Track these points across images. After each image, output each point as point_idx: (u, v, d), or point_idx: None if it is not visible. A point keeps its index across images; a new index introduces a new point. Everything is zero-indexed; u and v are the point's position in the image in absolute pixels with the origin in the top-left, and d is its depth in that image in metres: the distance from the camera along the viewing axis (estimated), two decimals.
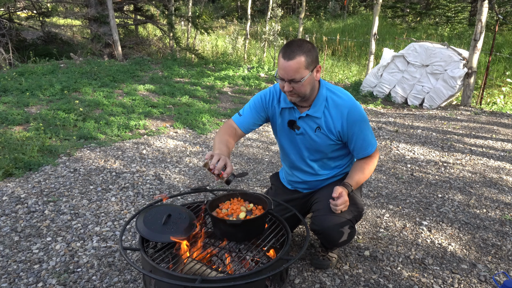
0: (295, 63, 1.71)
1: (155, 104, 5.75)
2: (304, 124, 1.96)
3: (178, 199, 2.92)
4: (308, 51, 1.74)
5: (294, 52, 1.72)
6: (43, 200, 2.84)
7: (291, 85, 1.77)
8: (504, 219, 2.75)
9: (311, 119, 1.94)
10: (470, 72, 6.28)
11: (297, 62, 1.71)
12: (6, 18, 10.23)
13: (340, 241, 1.95)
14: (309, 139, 1.98)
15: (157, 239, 1.67)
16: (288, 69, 1.72)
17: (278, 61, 1.77)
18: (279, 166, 3.68)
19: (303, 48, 1.73)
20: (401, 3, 17.05)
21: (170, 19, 9.63)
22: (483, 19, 6.19)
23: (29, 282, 1.98)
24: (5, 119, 4.52)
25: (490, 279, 2.08)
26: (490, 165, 3.83)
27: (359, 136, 1.92)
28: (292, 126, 1.99)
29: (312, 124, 1.94)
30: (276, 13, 10.63)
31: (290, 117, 1.98)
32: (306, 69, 1.74)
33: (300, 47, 1.73)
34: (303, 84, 1.77)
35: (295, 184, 2.20)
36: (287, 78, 1.75)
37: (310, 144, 2.00)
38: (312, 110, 1.91)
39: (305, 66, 1.73)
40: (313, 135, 1.96)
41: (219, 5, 24.54)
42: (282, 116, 2.02)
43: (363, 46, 11.72)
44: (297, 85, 1.76)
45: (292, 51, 1.72)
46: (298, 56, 1.72)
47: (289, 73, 1.73)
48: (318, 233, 1.97)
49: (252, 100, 2.07)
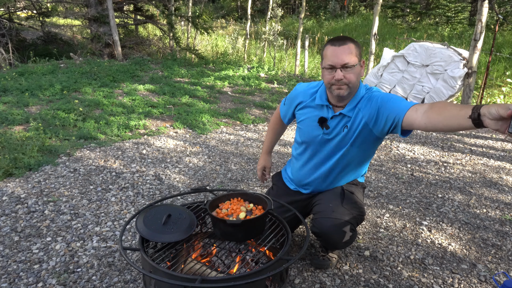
0: (348, 48, 1.72)
1: (155, 104, 5.75)
2: (334, 124, 1.90)
3: (178, 199, 2.93)
4: (356, 41, 1.77)
5: (344, 40, 1.74)
6: (43, 200, 2.84)
7: (343, 73, 1.73)
8: (504, 219, 2.75)
9: (343, 118, 1.88)
10: (470, 72, 6.28)
11: (349, 47, 1.73)
12: (6, 18, 10.24)
13: (341, 244, 1.94)
14: (333, 141, 1.93)
15: (157, 239, 1.67)
16: (341, 53, 1.71)
17: (326, 52, 1.76)
18: (279, 166, 3.68)
19: (352, 38, 1.78)
20: (401, 3, 17.05)
21: (170, 19, 9.63)
22: (483, 19, 6.19)
23: (29, 282, 1.98)
24: (5, 119, 4.52)
25: (490, 279, 2.08)
26: (490, 165, 3.83)
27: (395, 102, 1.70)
28: (322, 124, 1.93)
29: (342, 123, 1.89)
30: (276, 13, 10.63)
31: (322, 114, 1.93)
32: (356, 57, 1.75)
33: (349, 37, 1.77)
34: (354, 72, 1.74)
35: (300, 183, 2.15)
36: (339, 63, 1.72)
37: (331, 146, 1.95)
38: (347, 109, 1.86)
39: (355, 54, 1.74)
40: (340, 135, 1.90)
41: (219, 5, 24.55)
42: (312, 113, 1.96)
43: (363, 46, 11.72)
44: (349, 71, 1.73)
45: (342, 39, 1.75)
46: (349, 42, 1.74)
47: (342, 55, 1.71)
48: (319, 236, 1.96)
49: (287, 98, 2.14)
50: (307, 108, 1.98)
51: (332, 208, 1.92)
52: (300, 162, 2.12)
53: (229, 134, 4.70)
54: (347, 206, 1.96)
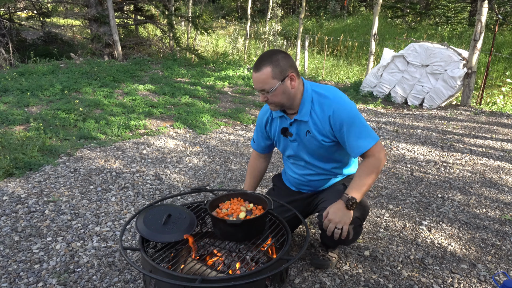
0: (262, 74, 1.78)
1: (155, 104, 5.75)
2: (295, 129, 1.98)
3: (178, 199, 2.93)
4: (275, 61, 1.77)
5: (261, 64, 1.78)
6: (43, 200, 2.84)
7: (265, 96, 1.83)
8: (503, 219, 2.76)
9: (300, 124, 1.96)
10: (470, 72, 6.28)
11: (263, 73, 1.78)
12: (6, 18, 10.24)
13: (348, 239, 1.94)
14: (303, 144, 2.00)
15: (157, 239, 1.68)
16: (256, 80, 1.81)
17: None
18: (279, 166, 3.68)
19: (272, 59, 1.77)
20: (401, 3, 17.05)
21: (170, 19, 9.63)
22: (483, 19, 6.20)
23: (29, 282, 1.98)
24: (6, 119, 4.53)
25: (490, 279, 2.08)
26: (490, 165, 3.84)
27: (350, 134, 1.83)
28: (285, 133, 2.02)
29: (303, 129, 1.96)
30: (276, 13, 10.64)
31: (283, 124, 2.03)
32: (274, 79, 1.78)
33: (269, 58, 1.78)
34: (275, 94, 1.81)
35: (299, 185, 2.19)
36: (257, 88, 1.84)
37: (305, 148, 2.01)
38: (299, 115, 1.93)
39: (272, 77, 1.77)
40: (305, 139, 1.97)
41: (219, 5, 24.55)
42: (276, 125, 2.07)
43: (363, 46, 11.72)
44: (268, 95, 1.82)
45: (259, 62, 1.79)
46: (264, 67, 1.77)
47: (258, 84, 1.82)
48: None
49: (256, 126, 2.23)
50: (272, 123, 2.10)
51: None
52: (290, 168, 2.21)
53: (229, 134, 4.71)
54: None
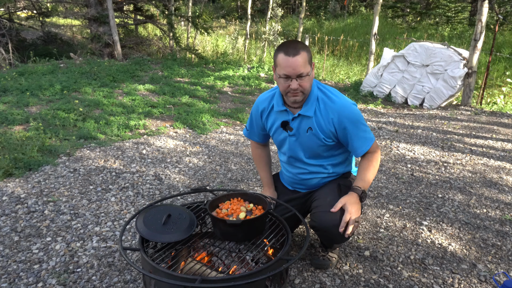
0: (301, 58, 1.74)
1: (155, 104, 5.75)
2: (296, 125, 1.97)
3: (178, 199, 2.92)
4: (307, 47, 1.81)
5: (297, 48, 1.75)
6: (43, 200, 2.83)
7: (298, 81, 1.78)
8: (504, 219, 2.75)
9: (303, 119, 1.95)
10: (470, 72, 6.27)
11: (302, 56, 1.75)
12: (6, 18, 10.24)
13: (340, 237, 1.94)
14: (301, 140, 2.00)
15: (157, 239, 1.67)
16: (296, 64, 1.74)
17: (279, 61, 1.78)
18: (279, 166, 3.68)
19: (303, 44, 1.81)
20: (401, 3, 17.05)
21: (170, 19, 9.63)
22: (483, 19, 6.19)
23: (29, 282, 1.98)
24: (5, 119, 4.52)
25: (490, 279, 2.08)
26: (490, 165, 3.83)
27: (354, 136, 1.91)
28: (285, 127, 2.00)
29: (305, 125, 1.95)
30: (276, 13, 10.63)
31: (283, 118, 2.01)
32: (308, 64, 1.79)
33: (301, 43, 1.80)
34: (307, 80, 1.80)
35: (294, 184, 2.21)
36: (295, 74, 1.76)
37: (303, 145, 2.01)
38: (304, 109, 1.92)
39: (308, 61, 1.78)
40: (305, 136, 1.97)
41: (219, 5, 24.54)
42: (274, 118, 2.04)
43: (364, 46, 11.72)
44: (303, 80, 1.78)
45: (294, 47, 1.75)
46: (301, 50, 1.75)
47: (297, 68, 1.74)
48: (317, 230, 1.96)
49: (250, 114, 2.20)
50: (270, 115, 2.06)
51: (330, 202, 1.94)
52: (285, 166, 2.20)
53: (229, 134, 4.70)
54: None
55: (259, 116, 2.12)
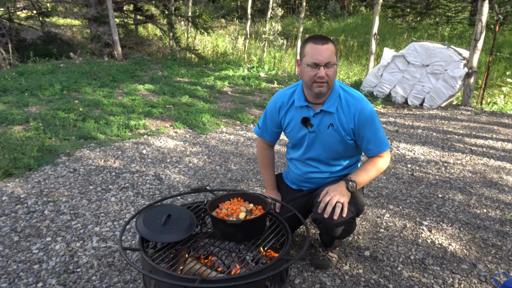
0: (330, 47, 1.81)
1: (155, 104, 5.74)
2: (317, 121, 1.97)
3: (178, 199, 2.92)
4: (333, 42, 1.87)
5: (326, 39, 1.83)
6: (43, 200, 2.83)
7: (325, 71, 1.81)
8: (504, 219, 2.75)
9: (325, 115, 1.95)
10: (471, 72, 6.27)
11: (331, 46, 1.82)
12: (6, 18, 10.24)
13: (340, 232, 1.94)
14: (321, 138, 2.00)
15: (157, 239, 1.67)
16: (325, 52, 1.79)
17: (308, 50, 1.82)
18: (279, 166, 3.68)
19: (330, 39, 1.86)
20: (401, 3, 17.05)
21: (170, 19, 9.63)
22: (484, 19, 6.19)
23: (29, 282, 1.98)
24: (5, 119, 4.52)
25: (490, 279, 2.08)
26: (490, 165, 3.83)
27: (371, 135, 1.94)
28: (305, 124, 2.00)
29: (326, 121, 1.96)
30: (276, 13, 10.63)
31: (304, 114, 2.00)
32: (335, 56, 1.84)
33: (328, 37, 1.86)
34: (334, 71, 1.84)
35: (300, 183, 2.20)
36: (323, 61, 1.80)
37: (322, 142, 2.01)
38: (327, 105, 1.94)
39: (335, 53, 1.83)
40: (326, 132, 1.97)
41: (219, 5, 24.53)
42: (293, 114, 2.03)
43: (364, 46, 11.72)
44: (330, 70, 1.81)
45: (323, 38, 1.83)
46: (330, 42, 1.83)
47: (326, 56, 1.79)
48: (319, 223, 1.95)
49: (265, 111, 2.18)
50: (289, 111, 2.05)
51: None
52: (296, 164, 2.18)
53: (229, 134, 4.70)
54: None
55: (277, 111, 2.09)
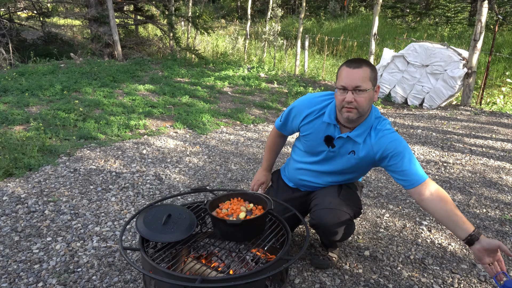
0: (362, 71, 1.70)
1: (155, 104, 5.75)
2: (340, 144, 1.90)
3: (178, 199, 2.93)
4: (373, 67, 1.76)
5: (361, 62, 1.73)
6: (43, 200, 2.84)
7: (354, 96, 1.71)
8: (504, 219, 2.75)
9: (350, 142, 1.88)
10: (470, 72, 6.28)
11: (363, 70, 1.70)
12: (6, 18, 10.25)
13: (339, 236, 1.95)
14: (338, 159, 1.94)
15: (157, 239, 1.67)
16: (355, 76, 1.69)
17: (341, 72, 1.75)
18: (279, 166, 3.68)
19: (368, 62, 1.75)
20: (401, 3, 17.06)
21: (170, 19, 9.63)
22: (483, 19, 6.20)
23: (29, 282, 1.98)
24: (5, 119, 4.53)
25: (490, 279, 2.08)
26: (490, 165, 3.84)
27: (408, 165, 1.77)
28: (328, 142, 1.93)
29: (348, 147, 1.89)
30: (276, 13, 10.64)
31: (328, 132, 1.91)
32: (369, 82, 1.72)
33: (366, 61, 1.75)
34: (365, 97, 1.72)
35: (299, 186, 2.18)
36: (352, 86, 1.70)
37: (337, 163, 1.96)
38: (355, 133, 1.84)
39: (369, 78, 1.72)
40: (345, 157, 1.91)
41: (219, 5, 24.55)
42: (317, 127, 1.93)
43: (363, 46, 11.73)
44: (360, 95, 1.71)
45: (359, 61, 1.73)
46: (364, 66, 1.72)
47: (355, 80, 1.69)
48: (317, 228, 1.96)
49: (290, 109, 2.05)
50: (313, 123, 1.94)
51: (329, 200, 1.94)
52: (300, 165, 2.13)
53: (229, 134, 4.71)
54: (344, 197, 1.99)
55: (302, 117, 1.97)
